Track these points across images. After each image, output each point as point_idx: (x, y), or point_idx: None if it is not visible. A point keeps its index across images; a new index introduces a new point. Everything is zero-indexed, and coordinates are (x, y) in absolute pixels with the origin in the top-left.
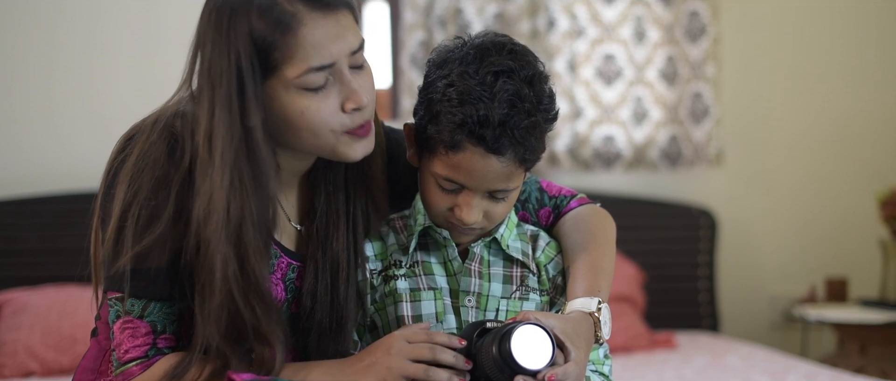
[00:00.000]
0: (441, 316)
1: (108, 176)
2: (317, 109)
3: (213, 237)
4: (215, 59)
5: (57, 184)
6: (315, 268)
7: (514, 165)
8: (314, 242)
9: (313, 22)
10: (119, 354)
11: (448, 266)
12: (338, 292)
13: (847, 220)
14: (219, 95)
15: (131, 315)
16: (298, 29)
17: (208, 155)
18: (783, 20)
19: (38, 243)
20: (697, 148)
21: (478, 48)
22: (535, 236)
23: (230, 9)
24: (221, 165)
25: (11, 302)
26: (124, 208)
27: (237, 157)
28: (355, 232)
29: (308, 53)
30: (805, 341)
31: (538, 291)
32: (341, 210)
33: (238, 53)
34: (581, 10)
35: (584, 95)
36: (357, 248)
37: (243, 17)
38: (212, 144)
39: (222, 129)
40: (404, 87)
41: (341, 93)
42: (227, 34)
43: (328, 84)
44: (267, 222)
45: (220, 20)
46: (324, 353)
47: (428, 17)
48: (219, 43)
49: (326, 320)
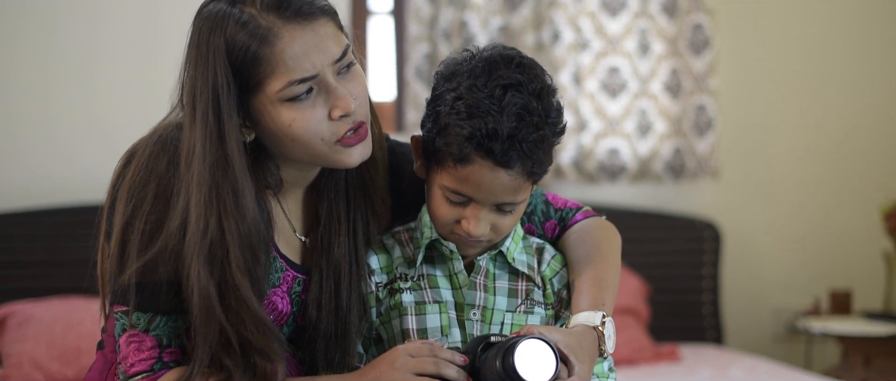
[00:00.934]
0: (446, 330)
1: (111, 191)
2: (303, 119)
3: (188, 255)
4: (195, 78)
5: (62, 196)
6: (319, 276)
7: (522, 179)
8: (318, 250)
9: (291, 35)
10: (125, 367)
11: (453, 279)
12: (341, 299)
13: (851, 232)
14: (198, 113)
15: (137, 329)
16: (276, 43)
17: (187, 172)
18: (784, 32)
19: (43, 255)
20: (701, 160)
21: (486, 61)
22: (541, 249)
23: (209, 28)
24: (198, 183)
25: (16, 314)
26: (127, 221)
27: (213, 175)
28: (356, 238)
29: (289, 67)
30: (809, 353)
31: (543, 304)
32: (342, 217)
33: (215, 73)
34: (585, 22)
35: (588, 107)
36: (358, 254)
37: (219, 35)
38: (190, 162)
39: (199, 147)
40: (409, 99)
41: (328, 101)
42: (206, 54)
43: (313, 94)
44: (252, 238)
45: (200, 39)
46: (330, 362)
47: (432, 30)
48: (198, 62)
49: (332, 328)
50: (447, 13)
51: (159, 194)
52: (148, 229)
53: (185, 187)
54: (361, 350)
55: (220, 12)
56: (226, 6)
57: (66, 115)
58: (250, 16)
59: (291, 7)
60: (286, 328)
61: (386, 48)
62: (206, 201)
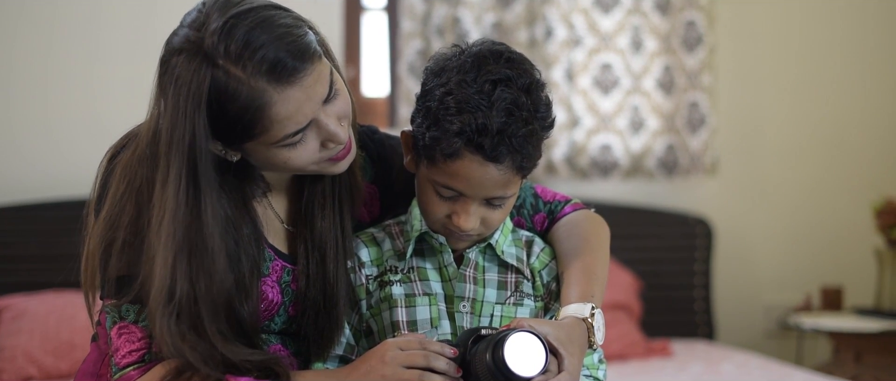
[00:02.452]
0: (436, 322)
1: (98, 184)
2: (298, 155)
3: (152, 311)
4: (172, 135)
5: (56, 190)
6: (305, 248)
7: (512, 173)
8: (301, 222)
9: (282, 96)
10: (117, 359)
11: (443, 272)
12: (328, 269)
13: (842, 229)
14: (172, 171)
15: (126, 321)
16: (269, 109)
17: (156, 232)
18: (779, 30)
19: (37, 249)
20: (694, 157)
21: (475, 56)
22: (530, 241)
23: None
24: (166, 245)
25: (10, 308)
26: (114, 214)
27: (186, 236)
28: (342, 214)
29: (283, 125)
30: (800, 349)
31: (533, 296)
32: (327, 193)
33: (193, 133)
34: (578, 19)
35: (581, 103)
36: (344, 229)
37: (198, 97)
38: (160, 221)
39: (171, 207)
40: (402, 95)
41: (320, 134)
42: (184, 109)
43: (306, 133)
44: (218, 293)
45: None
46: (321, 332)
47: (426, 25)
48: (176, 121)
49: (320, 298)
50: (440, 9)
51: (144, 188)
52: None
53: (154, 240)
54: (353, 342)
55: (198, 67)
56: (203, 64)
57: (62, 109)
58: (239, 80)
59: (286, 69)
60: (278, 318)
61: (379, 44)
62: (174, 263)
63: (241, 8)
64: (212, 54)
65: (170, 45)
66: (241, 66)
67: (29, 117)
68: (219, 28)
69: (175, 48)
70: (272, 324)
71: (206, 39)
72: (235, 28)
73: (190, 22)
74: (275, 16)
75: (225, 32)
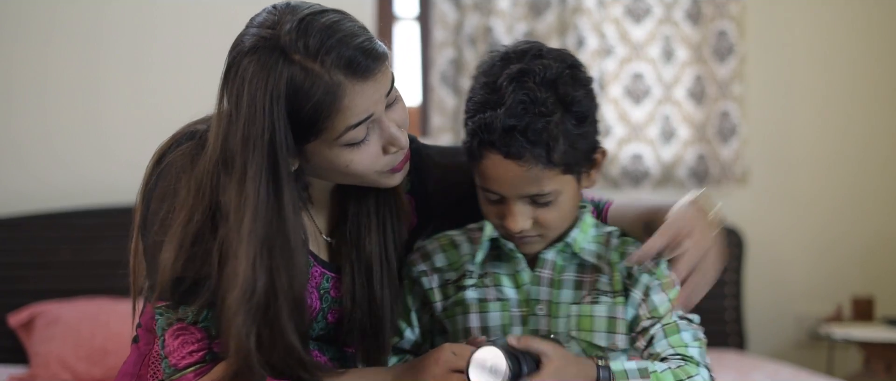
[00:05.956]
0: (507, 328)
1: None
2: (361, 159)
3: (233, 309)
4: (247, 128)
5: (89, 198)
6: (351, 270)
7: (540, 168)
8: (347, 245)
9: (354, 89)
10: (174, 361)
11: (517, 277)
12: (374, 292)
13: (873, 239)
14: (250, 169)
15: (184, 321)
16: (342, 99)
17: (237, 230)
18: (810, 39)
19: (71, 255)
20: (724, 167)
21: (502, 56)
22: (609, 233)
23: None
24: (249, 241)
25: (44, 314)
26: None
27: (268, 231)
28: (385, 234)
29: (351, 113)
30: (831, 359)
31: (611, 293)
32: (372, 212)
33: (273, 127)
34: (610, 29)
35: (612, 113)
36: (388, 251)
37: (278, 88)
38: (241, 218)
39: (252, 203)
40: (434, 104)
41: (382, 137)
42: (263, 104)
43: (369, 133)
44: (298, 287)
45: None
46: (368, 352)
47: (458, 35)
48: (249, 113)
49: (366, 320)
50: (472, 19)
51: (206, 189)
52: (189, 222)
53: (235, 245)
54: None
55: (274, 63)
56: (280, 59)
57: (107, 116)
58: (316, 75)
59: (361, 66)
60: (317, 325)
61: (411, 53)
62: (257, 260)
63: (313, 10)
64: (288, 50)
65: (240, 46)
66: (319, 61)
67: (71, 124)
68: (294, 27)
69: (246, 49)
70: (310, 330)
71: (282, 37)
72: (311, 26)
73: (260, 22)
74: (345, 18)
75: (302, 30)
